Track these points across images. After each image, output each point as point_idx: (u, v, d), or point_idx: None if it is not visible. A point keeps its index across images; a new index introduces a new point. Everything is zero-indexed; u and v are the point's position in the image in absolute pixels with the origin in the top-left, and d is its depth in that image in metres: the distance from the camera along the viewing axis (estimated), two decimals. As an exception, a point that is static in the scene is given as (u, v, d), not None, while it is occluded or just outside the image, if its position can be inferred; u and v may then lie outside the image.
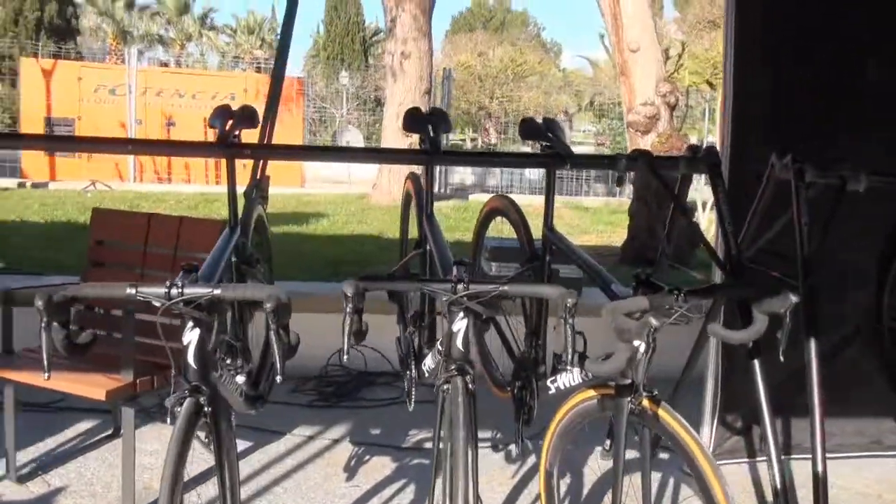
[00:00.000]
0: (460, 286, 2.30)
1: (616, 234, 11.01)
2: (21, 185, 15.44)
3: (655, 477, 3.38)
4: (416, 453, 4.09)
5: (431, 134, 3.25)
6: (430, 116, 3.36)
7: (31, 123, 16.68)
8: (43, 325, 2.04)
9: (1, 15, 29.84)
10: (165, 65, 29.55)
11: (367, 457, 4.12)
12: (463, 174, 19.81)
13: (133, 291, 2.13)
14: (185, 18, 38.59)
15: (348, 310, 2.17)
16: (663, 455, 2.76)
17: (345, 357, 2.21)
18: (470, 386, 2.44)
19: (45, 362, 2.08)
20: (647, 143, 9.46)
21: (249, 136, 3.50)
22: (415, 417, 3.57)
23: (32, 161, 16.35)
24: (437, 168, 16.87)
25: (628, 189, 11.82)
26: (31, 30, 29.06)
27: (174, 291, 2.11)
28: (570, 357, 2.21)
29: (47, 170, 16.54)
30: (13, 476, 3.74)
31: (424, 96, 14.19)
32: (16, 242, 8.64)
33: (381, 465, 4.02)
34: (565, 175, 17.83)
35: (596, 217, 13.85)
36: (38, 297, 2.04)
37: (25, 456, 3.95)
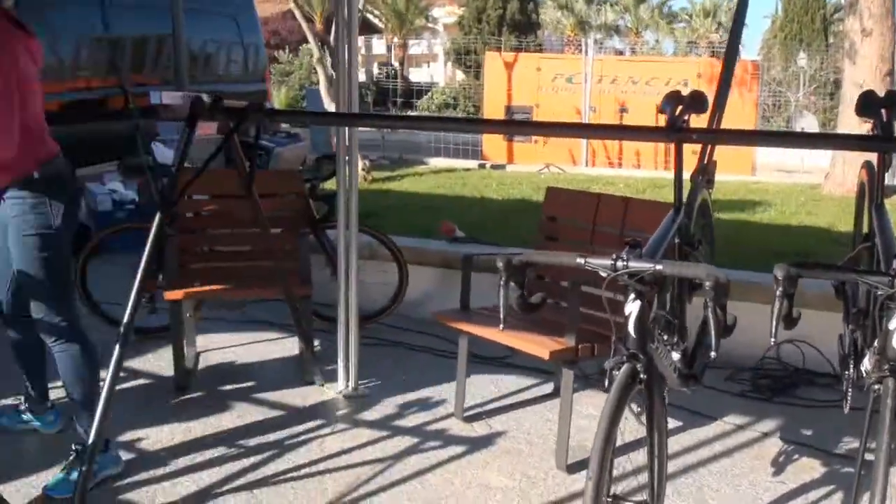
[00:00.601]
0: None
1: None
2: (481, 166, 16.70)
3: None
4: (849, 462, 3.85)
5: (885, 119, 3.08)
6: (885, 100, 3.18)
7: (493, 111, 17.79)
8: (501, 282, 2.36)
9: (465, 14, 32.61)
10: (620, 53, 30.19)
11: (797, 456, 3.99)
12: (937, 164, 17.67)
13: (582, 261, 2.35)
14: (642, 6, 39.16)
15: (778, 293, 2.17)
16: None
17: (771, 338, 2.20)
18: None
19: (502, 314, 2.39)
20: None
21: (698, 121, 3.57)
22: (853, 423, 3.34)
23: (493, 145, 17.57)
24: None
25: None
26: (494, 26, 31.35)
27: (619, 264, 2.29)
28: None
29: (505, 153, 17.59)
30: (460, 416, 4.27)
31: (886, 79, 12.91)
32: (475, 215, 9.46)
33: (809, 467, 3.88)
34: None
35: None
36: (499, 259, 2.37)
37: (473, 400, 4.46)
